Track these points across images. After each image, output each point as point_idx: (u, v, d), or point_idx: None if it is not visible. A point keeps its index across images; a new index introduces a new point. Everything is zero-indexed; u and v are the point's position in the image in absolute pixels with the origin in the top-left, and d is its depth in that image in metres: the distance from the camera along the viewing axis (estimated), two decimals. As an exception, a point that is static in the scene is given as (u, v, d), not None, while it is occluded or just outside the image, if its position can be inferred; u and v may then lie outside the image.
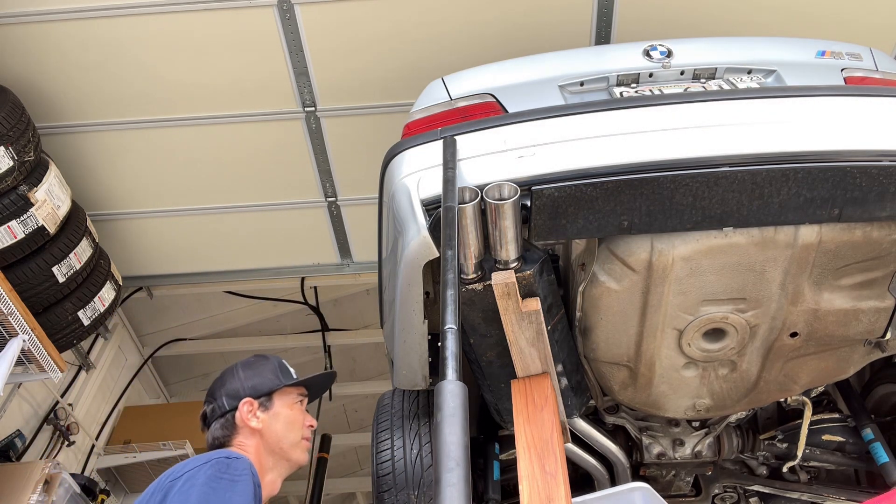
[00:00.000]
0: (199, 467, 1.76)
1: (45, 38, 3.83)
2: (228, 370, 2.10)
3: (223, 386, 2.04)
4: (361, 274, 5.18)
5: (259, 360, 2.13)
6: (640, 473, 3.05)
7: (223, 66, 3.97)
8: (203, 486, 1.72)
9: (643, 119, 2.19)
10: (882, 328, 2.43)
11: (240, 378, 2.05)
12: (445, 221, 1.89)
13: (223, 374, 2.09)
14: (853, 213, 2.09)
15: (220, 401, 2.01)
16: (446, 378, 1.39)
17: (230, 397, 2.01)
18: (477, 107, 2.60)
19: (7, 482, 3.97)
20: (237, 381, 2.04)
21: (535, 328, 2.16)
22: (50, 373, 3.88)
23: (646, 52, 2.68)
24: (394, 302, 2.46)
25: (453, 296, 1.65)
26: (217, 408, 2.01)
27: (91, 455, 5.42)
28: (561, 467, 1.99)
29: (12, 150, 3.68)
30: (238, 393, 2.01)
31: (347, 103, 4.16)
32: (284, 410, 2.05)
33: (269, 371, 2.08)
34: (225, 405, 2.00)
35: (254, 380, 2.04)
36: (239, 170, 4.48)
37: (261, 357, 2.15)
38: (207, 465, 1.76)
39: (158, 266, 5.07)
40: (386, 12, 3.79)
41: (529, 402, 2.20)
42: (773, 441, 3.02)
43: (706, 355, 2.48)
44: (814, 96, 2.23)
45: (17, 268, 3.87)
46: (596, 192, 2.06)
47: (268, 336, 6.58)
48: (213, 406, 2.02)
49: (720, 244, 2.19)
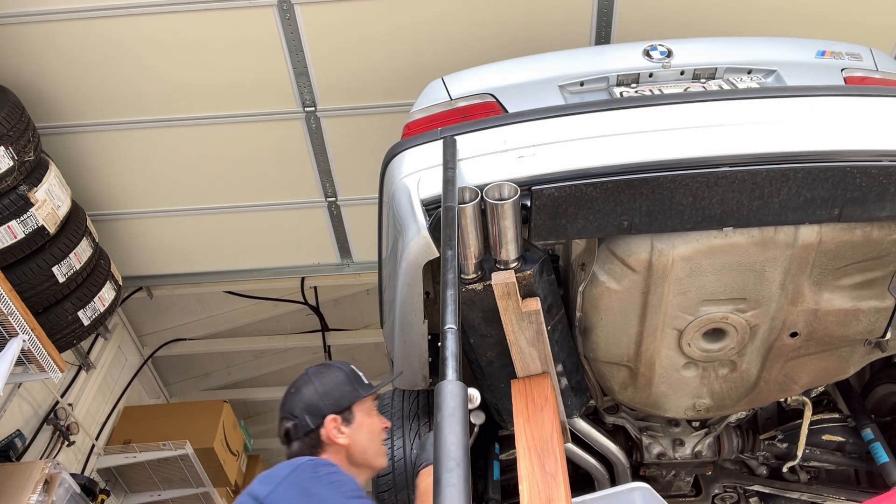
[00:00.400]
0: (300, 465, 1.80)
1: (45, 38, 3.83)
2: (302, 383, 2.05)
3: (301, 402, 2.00)
4: (361, 274, 5.18)
5: (331, 370, 2.09)
6: (640, 473, 3.05)
7: (223, 66, 3.97)
8: (310, 475, 1.76)
9: (643, 119, 2.19)
10: (882, 328, 2.43)
11: (318, 392, 2.01)
12: (445, 221, 1.89)
13: (298, 389, 2.04)
14: (853, 213, 2.09)
15: (303, 419, 1.98)
16: (446, 378, 1.39)
17: (312, 414, 1.97)
18: (477, 107, 2.60)
19: (7, 482, 3.97)
20: (316, 396, 2.00)
21: (535, 328, 2.16)
22: (50, 373, 3.88)
23: (646, 52, 2.68)
24: (394, 302, 2.46)
25: (453, 296, 1.65)
26: (300, 425, 1.98)
27: (91, 455, 5.42)
28: (561, 467, 1.99)
29: (12, 150, 3.68)
30: (320, 409, 1.98)
31: (347, 103, 4.16)
32: (365, 420, 2.04)
33: (344, 382, 2.05)
34: (309, 423, 1.97)
35: (333, 394, 2.01)
36: (239, 170, 4.48)
37: (331, 367, 2.11)
38: (307, 462, 1.81)
39: (158, 266, 5.07)
40: (386, 12, 3.79)
41: (529, 402, 2.20)
42: (773, 441, 3.02)
43: (706, 355, 2.48)
44: (814, 96, 2.23)
45: (17, 268, 3.87)
46: (596, 192, 2.06)
47: (268, 336, 6.58)
48: (295, 423, 1.99)
49: (720, 244, 2.19)
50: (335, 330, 6.60)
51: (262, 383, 7.04)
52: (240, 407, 6.93)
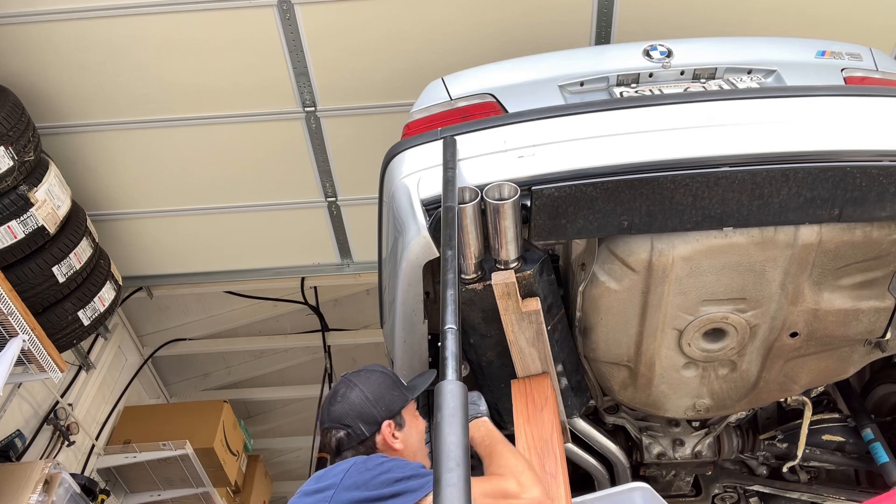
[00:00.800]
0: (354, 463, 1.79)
1: (45, 38, 3.83)
2: (347, 391, 2.01)
3: (353, 409, 1.97)
4: (361, 274, 5.18)
5: (374, 374, 2.06)
6: (640, 473, 3.05)
7: (223, 66, 3.97)
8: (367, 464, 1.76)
9: (643, 119, 2.19)
10: (882, 328, 2.43)
11: (369, 399, 1.98)
12: (445, 221, 1.89)
13: (345, 396, 2.00)
14: (853, 213, 2.09)
15: (357, 427, 1.95)
16: (446, 378, 1.39)
17: (367, 423, 1.95)
18: (477, 107, 2.60)
19: (7, 482, 3.97)
20: (367, 403, 1.97)
21: (535, 328, 2.16)
22: (50, 373, 3.88)
23: (646, 52, 2.68)
24: (394, 302, 2.46)
25: (453, 296, 1.65)
26: (353, 434, 1.95)
27: (91, 455, 5.42)
28: (561, 467, 2.00)
29: (12, 150, 3.68)
30: (374, 416, 1.96)
31: (347, 103, 4.16)
32: (413, 422, 2.04)
33: (392, 386, 2.03)
34: (364, 431, 1.94)
35: (384, 399, 1.99)
36: (239, 170, 4.48)
37: (372, 371, 2.08)
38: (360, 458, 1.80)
39: (158, 266, 5.07)
40: (386, 12, 3.79)
41: (529, 402, 2.20)
42: (773, 441, 3.02)
43: (706, 355, 2.48)
44: (814, 96, 2.23)
45: (17, 268, 3.87)
46: (596, 192, 2.06)
47: (268, 336, 6.58)
48: (348, 432, 1.95)
49: (720, 244, 2.19)
50: (335, 330, 6.60)
51: (262, 383, 7.04)
52: (240, 407, 6.93)
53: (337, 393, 2.03)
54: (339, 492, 1.71)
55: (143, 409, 6.11)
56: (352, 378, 2.05)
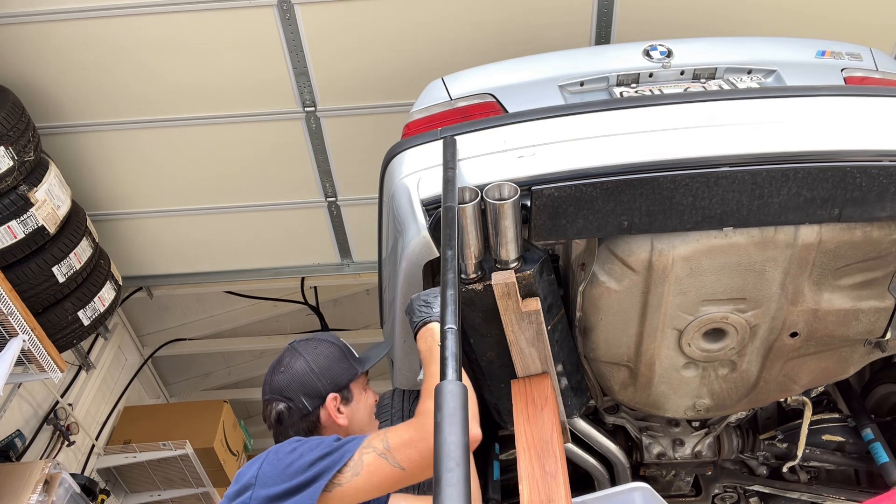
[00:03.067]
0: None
1: (45, 38, 3.83)
2: (292, 360, 1.90)
3: (295, 381, 1.86)
4: (361, 274, 5.18)
5: (322, 344, 1.94)
6: (640, 473, 3.05)
7: (223, 66, 3.97)
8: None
9: (643, 119, 2.18)
10: (882, 328, 2.43)
11: (313, 371, 1.87)
12: (445, 221, 1.89)
13: (288, 366, 1.89)
14: (853, 213, 2.09)
15: (299, 400, 1.85)
16: (446, 378, 1.39)
17: (310, 396, 1.84)
18: (477, 107, 2.60)
19: (7, 482, 3.97)
20: (311, 374, 1.86)
21: (535, 328, 2.16)
22: (50, 373, 3.88)
23: (646, 52, 2.68)
24: (394, 302, 2.46)
25: (453, 296, 1.65)
26: (294, 408, 1.85)
27: (91, 455, 5.43)
28: (561, 467, 1.99)
29: (12, 150, 3.68)
30: (318, 390, 1.85)
31: (347, 103, 4.16)
32: (361, 396, 1.93)
33: (340, 357, 1.93)
34: (306, 405, 1.84)
35: (330, 372, 1.88)
36: (239, 170, 4.48)
37: (320, 340, 1.97)
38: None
39: (158, 266, 5.07)
40: (386, 12, 3.80)
41: (529, 402, 2.20)
42: (773, 441, 3.02)
43: (706, 355, 2.48)
44: (814, 96, 2.23)
45: (17, 268, 3.87)
46: (596, 192, 2.06)
47: (268, 336, 6.58)
48: (289, 406, 1.85)
49: (720, 244, 2.19)
50: (335, 330, 6.60)
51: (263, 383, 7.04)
52: (240, 407, 6.93)
53: (281, 362, 1.93)
54: (256, 490, 1.62)
55: (143, 409, 6.12)
56: (298, 347, 1.94)
